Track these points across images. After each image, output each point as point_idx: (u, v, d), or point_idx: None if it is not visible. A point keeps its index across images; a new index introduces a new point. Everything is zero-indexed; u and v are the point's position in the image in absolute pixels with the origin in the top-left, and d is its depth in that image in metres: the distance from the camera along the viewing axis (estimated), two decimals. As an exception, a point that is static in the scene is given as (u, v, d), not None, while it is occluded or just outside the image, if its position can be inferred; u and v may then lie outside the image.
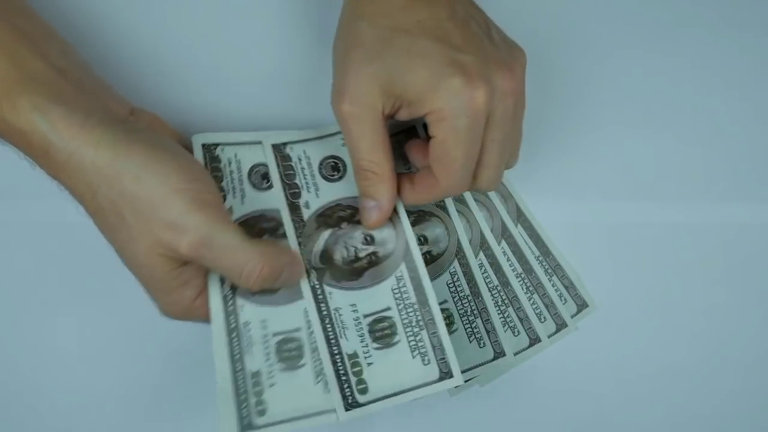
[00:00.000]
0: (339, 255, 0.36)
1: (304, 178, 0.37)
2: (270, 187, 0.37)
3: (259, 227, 0.36)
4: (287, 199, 0.36)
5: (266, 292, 0.34)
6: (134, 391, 0.41)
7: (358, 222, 0.36)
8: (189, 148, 0.36)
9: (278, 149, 0.37)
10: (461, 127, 0.29)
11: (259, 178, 0.37)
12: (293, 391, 0.33)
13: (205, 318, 0.33)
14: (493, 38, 0.32)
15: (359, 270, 0.36)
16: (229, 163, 0.36)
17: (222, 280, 0.34)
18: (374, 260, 0.36)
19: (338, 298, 0.35)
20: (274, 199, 0.36)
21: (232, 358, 0.33)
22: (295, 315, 0.34)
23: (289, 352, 0.34)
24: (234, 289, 0.34)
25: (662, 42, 0.43)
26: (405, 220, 0.36)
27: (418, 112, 0.30)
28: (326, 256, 0.35)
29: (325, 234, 0.36)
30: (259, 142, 0.37)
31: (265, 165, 0.37)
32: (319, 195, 0.37)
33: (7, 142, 0.29)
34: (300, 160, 0.37)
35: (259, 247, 0.31)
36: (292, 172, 0.37)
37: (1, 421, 0.40)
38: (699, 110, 0.43)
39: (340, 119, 0.31)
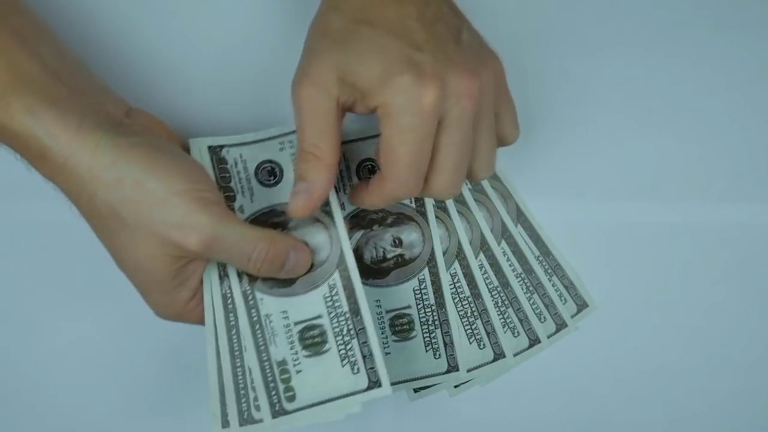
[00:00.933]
0: (368, 254, 0.37)
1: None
2: (277, 182, 0.37)
3: (270, 223, 0.36)
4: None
5: (280, 283, 0.35)
6: (135, 391, 0.41)
7: (389, 225, 0.37)
8: (186, 149, 0.36)
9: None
10: (406, 124, 0.29)
11: (266, 174, 0.37)
12: (320, 376, 0.34)
13: (198, 320, 0.34)
14: (461, 42, 0.32)
15: (386, 270, 0.37)
16: (236, 164, 0.37)
17: (221, 279, 0.34)
18: (400, 262, 0.37)
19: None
20: (282, 194, 0.37)
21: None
22: (314, 302, 0.35)
23: (312, 339, 0.35)
24: (252, 281, 0.35)
25: (662, 42, 0.43)
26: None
27: (369, 106, 0.30)
28: (357, 254, 0.36)
29: (357, 235, 0.37)
30: (261, 140, 0.38)
31: (271, 161, 0.37)
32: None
33: (3, 143, 0.29)
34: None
35: (263, 233, 0.32)
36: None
37: (1, 421, 0.40)
38: (699, 110, 0.43)
39: (295, 101, 0.31)
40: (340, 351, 0.35)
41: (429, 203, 0.41)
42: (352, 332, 0.35)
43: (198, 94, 0.40)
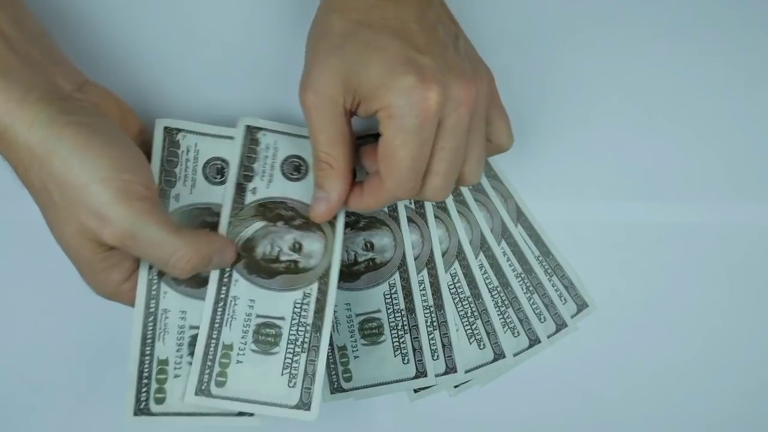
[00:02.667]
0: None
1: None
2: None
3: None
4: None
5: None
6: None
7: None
8: (148, 131, 0.36)
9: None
10: (409, 126, 0.29)
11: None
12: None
13: (131, 302, 0.33)
14: (459, 49, 0.32)
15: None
16: (187, 151, 0.36)
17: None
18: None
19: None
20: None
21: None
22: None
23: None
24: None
25: (662, 42, 0.43)
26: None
27: (372, 108, 0.30)
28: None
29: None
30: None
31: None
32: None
33: None
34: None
35: (187, 237, 0.31)
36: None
37: (1, 421, 0.40)
38: (699, 110, 0.43)
39: (303, 109, 0.31)
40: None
41: (428, 204, 0.41)
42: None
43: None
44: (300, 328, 0.35)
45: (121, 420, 0.33)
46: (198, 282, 0.34)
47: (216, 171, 0.36)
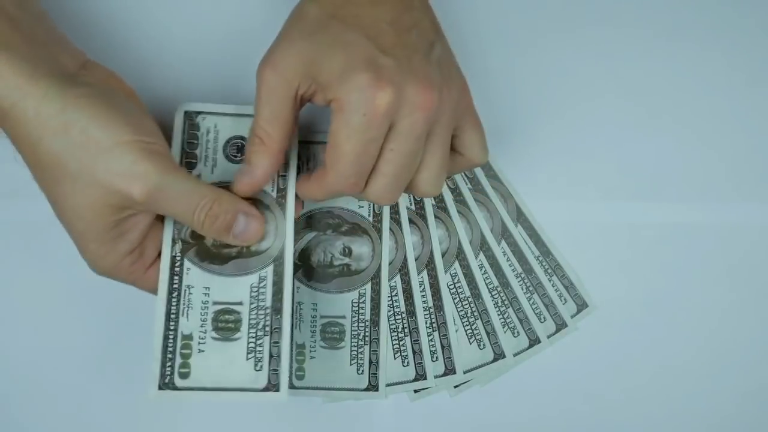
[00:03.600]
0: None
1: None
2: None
3: (324, 222, 0.37)
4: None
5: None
6: (135, 391, 0.41)
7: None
8: (143, 109, 0.35)
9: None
10: (355, 122, 0.29)
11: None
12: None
13: (132, 281, 0.34)
14: (430, 55, 0.32)
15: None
16: (207, 132, 0.37)
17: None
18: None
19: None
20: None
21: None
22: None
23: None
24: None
25: (662, 42, 0.43)
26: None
27: (327, 98, 0.30)
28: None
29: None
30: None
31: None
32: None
33: None
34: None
35: (211, 189, 0.32)
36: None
37: (1, 421, 0.40)
38: (699, 110, 0.43)
39: (257, 81, 0.31)
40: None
41: (428, 204, 0.41)
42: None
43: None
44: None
45: (121, 416, 0.33)
46: (221, 258, 0.35)
47: (236, 149, 0.37)
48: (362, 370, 0.39)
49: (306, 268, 0.39)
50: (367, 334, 0.39)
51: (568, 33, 0.42)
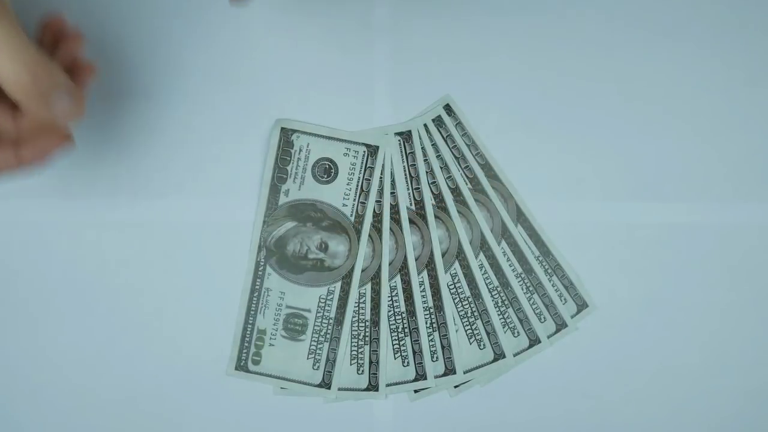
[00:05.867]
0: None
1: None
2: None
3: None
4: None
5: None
6: (134, 392, 0.41)
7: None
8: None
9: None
10: None
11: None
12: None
13: None
14: None
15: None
16: (300, 151, 0.40)
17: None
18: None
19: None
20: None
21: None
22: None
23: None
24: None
25: (662, 42, 0.43)
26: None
27: None
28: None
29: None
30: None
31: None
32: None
33: None
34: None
35: (37, 52, 0.28)
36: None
37: (1, 421, 0.40)
38: (699, 110, 0.43)
39: None
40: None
41: (428, 204, 0.41)
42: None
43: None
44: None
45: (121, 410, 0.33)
46: (298, 269, 0.40)
47: (324, 171, 0.40)
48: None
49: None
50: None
51: (568, 33, 0.42)
